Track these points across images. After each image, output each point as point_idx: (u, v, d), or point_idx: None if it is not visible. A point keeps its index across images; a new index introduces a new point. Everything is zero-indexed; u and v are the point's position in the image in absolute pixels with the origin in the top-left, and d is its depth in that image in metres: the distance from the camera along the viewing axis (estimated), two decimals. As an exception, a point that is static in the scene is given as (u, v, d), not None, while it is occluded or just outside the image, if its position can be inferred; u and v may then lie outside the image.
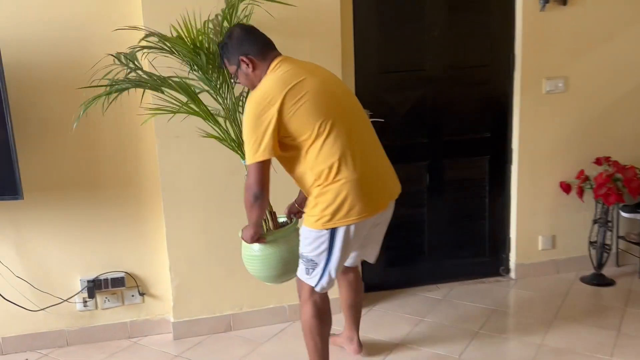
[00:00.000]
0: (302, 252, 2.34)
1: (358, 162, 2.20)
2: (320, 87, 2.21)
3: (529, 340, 2.99)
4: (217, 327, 3.22)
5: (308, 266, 2.33)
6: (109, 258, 3.12)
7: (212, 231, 3.11)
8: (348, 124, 2.24)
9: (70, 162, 2.99)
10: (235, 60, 2.30)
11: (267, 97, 2.14)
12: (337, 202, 2.18)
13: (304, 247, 2.33)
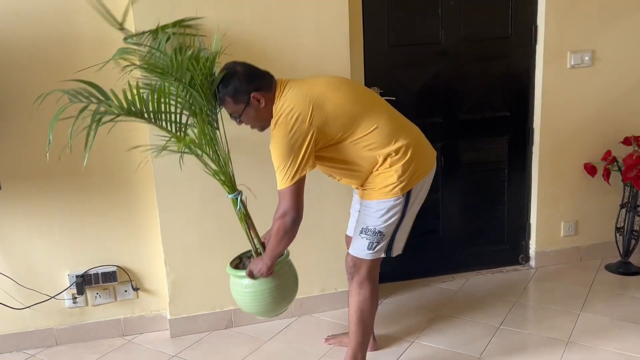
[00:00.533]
0: (369, 226, 2.27)
1: (408, 129, 2.30)
2: (338, 87, 2.25)
3: (555, 336, 2.76)
4: (217, 324, 3.00)
5: (373, 240, 2.28)
6: (99, 251, 2.88)
7: (210, 221, 2.87)
8: (379, 105, 2.30)
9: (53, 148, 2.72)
10: (245, 98, 2.19)
11: (294, 114, 2.11)
12: (411, 168, 2.22)
13: (373, 221, 2.27)
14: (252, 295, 2.44)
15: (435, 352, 2.70)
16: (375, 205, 2.27)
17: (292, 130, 2.09)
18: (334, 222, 3.01)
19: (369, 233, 2.28)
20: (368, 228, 2.28)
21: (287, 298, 2.51)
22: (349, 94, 2.24)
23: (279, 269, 2.46)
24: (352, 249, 2.36)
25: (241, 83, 2.17)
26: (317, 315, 3.12)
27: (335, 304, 3.14)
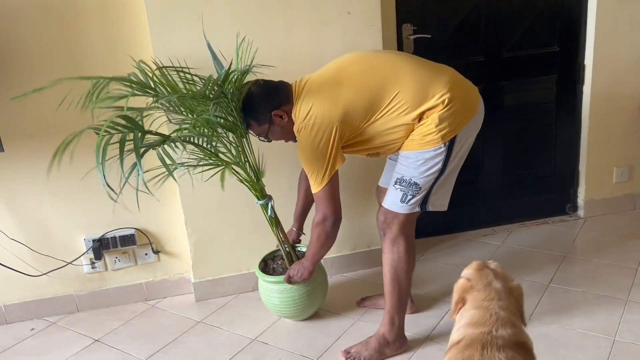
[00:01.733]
0: (405, 176, 2.09)
1: (439, 77, 2.06)
2: (350, 73, 2.09)
3: (611, 295, 2.52)
4: (244, 286, 2.83)
5: (407, 192, 2.09)
6: (116, 213, 2.68)
7: (230, 179, 2.63)
8: (398, 67, 2.08)
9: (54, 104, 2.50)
10: (267, 118, 2.11)
11: (313, 116, 2.02)
12: (450, 115, 2.01)
13: (410, 171, 2.08)
14: (280, 300, 2.47)
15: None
16: (413, 156, 2.07)
17: (314, 133, 2.02)
18: (365, 175, 2.77)
19: (403, 184, 2.10)
20: (403, 179, 2.10)
21: (315, 304, 2.53)
22: (363, 75, 2.07)
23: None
24: (384, 202, 2.19)
25: (259, 104, 2.11)
26: (349, 274, 2.93)
27: (367, 263, 2.94)
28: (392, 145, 2.11)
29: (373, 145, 2.12)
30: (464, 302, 1.59)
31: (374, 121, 2.05)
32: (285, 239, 2.47)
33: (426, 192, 2.11)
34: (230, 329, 2.54)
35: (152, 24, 2.41)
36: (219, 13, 2.46)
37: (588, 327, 2.30)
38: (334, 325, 2.49)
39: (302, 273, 2.30)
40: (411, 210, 2.13)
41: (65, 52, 2.43)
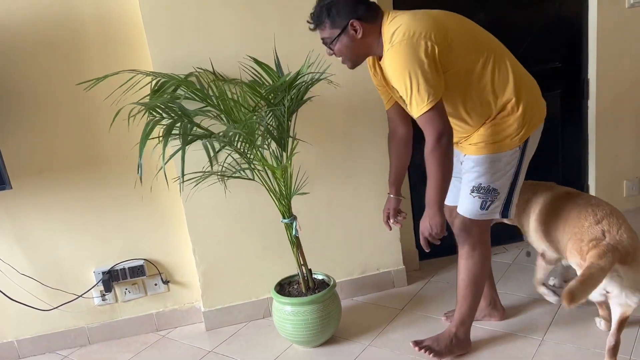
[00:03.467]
0: (482, 183, 2.05)
1: (527, 75, 2.09)
2: (459, 16, 2.03)
3: (627, 312, 2.47)
4: (255, 314, 2.82)
5: (486, 198, 2.06)
6: (124, 245, 2.72)
7: (237, 207, 2.66)
8: (502, 46, 2.06)
9: (62, 139, 2.54)
10: (343, 23, 1.95)
11: (412, 32, 1.85)
12: (528, 114, 2.00)
13: (486, 177, 2.05)
14: (293, 325, 2.46)
15: (493, 334, 2.45)
16: (487, 160, 2.04)
17: (412, 48, 1.82)
18: (377, 198, 2.76)
19: (481, 191, 2.06)
20: (481, 186, 2.05)
21: (328, 330, 2.50)
22: (473, 24, 2.03)
23: (326, 299, 2.46)
24: (461, 208, 2.14)
25: (343, 7, 1.93)
26: (359, 298, 2.91)
27: (378, 286, 2.92)
28: (462, 120, 2.02)
29: (458, 95, 1.97)
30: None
31: (466, 75, 1.94)
32: (304, 263, 2.47)
33: (505, 197, 2.09)
34: (241, 358, 2.52)
35: (150, 38, 2.42)
36: (217, 26, 2.47)
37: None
38: (344, 351, 2.47)
39: (434, 222, 1.97)
40: (491, 216, 2.12)
41: (70, 85, 2.46)
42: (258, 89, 2.22)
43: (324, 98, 2.52)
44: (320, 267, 2.64)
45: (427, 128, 1.86)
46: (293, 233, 2.40)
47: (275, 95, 2.16)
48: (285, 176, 2.27)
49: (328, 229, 2.79)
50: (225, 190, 2.49)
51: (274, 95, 2.16)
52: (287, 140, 2.28)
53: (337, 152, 2.71)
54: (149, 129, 1.93)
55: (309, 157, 2.61)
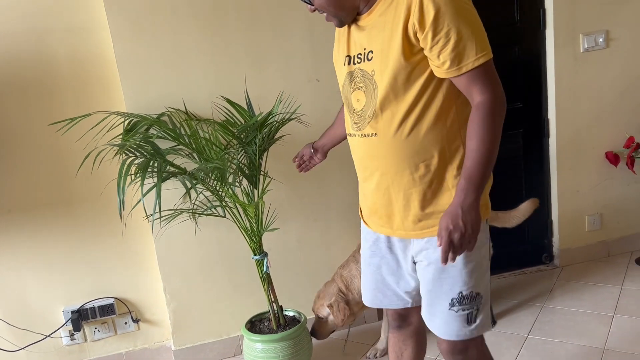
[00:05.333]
0: (462, 290, 1.52)
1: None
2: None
3: (589, 344, 2.54)
4: (226, 352, 2.81)
5: (471, 309, 1.53)
6: (94, 283, 2.71)
7: (208, 241, 2.68)
8: None
9: (33, 178, 2.56)
10: None
11: None
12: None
13: (461, 278, 1.51)
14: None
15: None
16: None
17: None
18: (342, 235, 2.82)
19: (463, 302, 1.52)
20: (462, 295, 1.52)
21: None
22: None
23: (296, 335, 2.47)
24: (441, 332, 1.58)
25: None
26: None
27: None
28: (434, 139, 1.48)
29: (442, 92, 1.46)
30: None
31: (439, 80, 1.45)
32: (275, 300, 2.49)
33: (488, 294, 1.58)
34: (211, 396, 2.52)
35: (124, 79, 2.46)
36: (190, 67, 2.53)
37: (567, 378, 2.33)
38: (315, 388, 2.48)
39: (468, 219, 1.36)
40: (483, 331, 1.59)
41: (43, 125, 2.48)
42: (230, 128, 2.28)
43: (294, 136, 2.59)
44: (291, 304, 2.67)
45: (486, 82, 1.39)
46: (264, 270, 2.43)
47: (247, 134, 2.22)
48: (257, 213, 2.31)
49: (299, 266, 2.82)
50: (196, 228, 2.52)
51: (245, 135, 2.22)
52: (258, 177, 2.34)
53: (308, 191, 2.77)
54: (127, 166, 1.96)
55: (279, 195, 2.66)
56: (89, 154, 2.22)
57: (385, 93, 1.47)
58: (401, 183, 1.53)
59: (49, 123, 2.42)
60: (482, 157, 1.37)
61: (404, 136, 1.48)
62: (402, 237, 1.61)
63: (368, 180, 1.62)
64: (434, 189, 1.52)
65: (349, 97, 1.59)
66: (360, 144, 1.59)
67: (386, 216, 1.61)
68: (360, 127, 1.56)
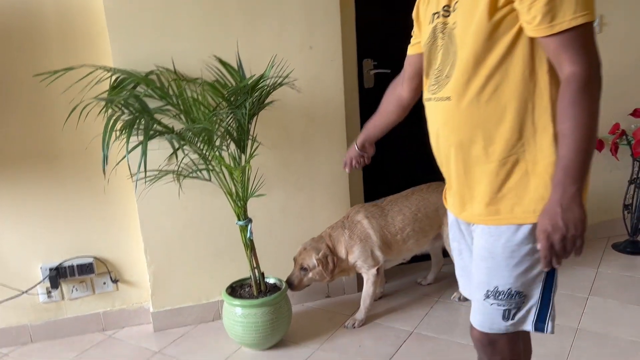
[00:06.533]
0: (499, 286, 1.40)
1: None
2: None
3: (563, 323, 2.58)
4: (204, 316, 2.81)
5: (509, 305, 1.41)
6: (74, 241, 2.67)
7: (192, 205, 2.66)
8: None
9: (14, 130, 2.49)
10: None
11: None
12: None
13: (502, 273, 1.38)
14: (243, 327, 2.47)
15: (437, 343, 2.53)
16: (505, 237, 1.35)
17: None
18: (325, 206, 2.82)
19: (499, 297, 1.41)
20: (497, 289, 1.40)
21: (278, 333, 2.53)
22: None
23: (277, 302, 2.49)
24: (475, 320, 1.50)
25: None
26: (309, 304, 2.94)
27: (328, 291, 2.96)
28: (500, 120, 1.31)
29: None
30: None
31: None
32: (257, 266, 2.49)
33: (537, 299, 1.41)
34: (189, 359, 2.51)
35: (112, 33, 2.40)
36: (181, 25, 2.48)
37: (539, 354, 2.37)
38: (293, 355, 2.49)
39: (571, 217, 1.18)
40: (520, 327, 1.45)
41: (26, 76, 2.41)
42: (220, 90, 2.24)
43: (285, 103, 2.57)
44: (272, 272, 2.67)
45: (581, 49, 1.20)
46: (248, 236, 2.42)
47: (238, 97, 2.18)
48: (243, 178, 2.29)
49: (282, 234, 2.81)
50: (180, 191, 2.49)
51: (235, 97, 2.19)
52: (246, 142, 2.31)
53: (295, 159, 2.75)
54: (113, 121, 1.92)
55: (266, 161, 2.64)
56: (75, 107, 2.16)
57: (465, 52, 1.31)
58: (472, 157, 1.36)
59: (34, 74, 2.35)
60: (579, 142, 1.18)
61: (480, 102, 1.31)
62: (467, 220, 1.46)
63: (440, 152, 1.47)
64: (509, 169, 1.33)
65: (429, 55, 1.46)
66: (435, 109, 1.43)
67: (459, 195, 1.45)
68: (436, 90, 1.41)
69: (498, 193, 1.36)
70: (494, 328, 1.46)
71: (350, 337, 2.60)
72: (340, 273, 2.68)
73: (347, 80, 2.80)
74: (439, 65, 1.40)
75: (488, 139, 1.33)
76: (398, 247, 2.71)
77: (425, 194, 2.77)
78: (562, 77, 1.22)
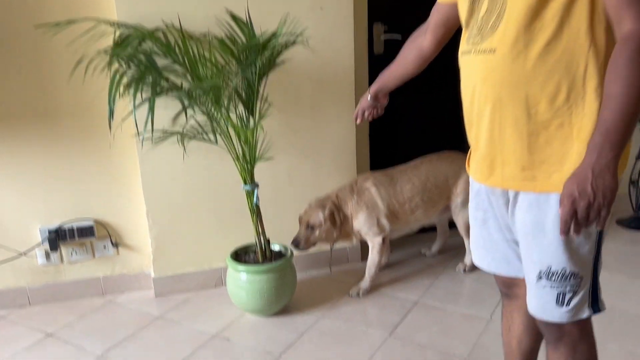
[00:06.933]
0: (552, 265, 1.28)
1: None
2: None
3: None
4: (206, 283, 2.76)
5: (562, 288, 1.29)
6: (74, 203, 2.61)
7: (197, 168, 2.59)
8: None
9: (15, 84, 2.40)
10: None
11: None
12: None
13: (553, 250, 1.27)
14: (247, 293, 2.43)
15: (443, 313, 2.50)
16: (555, 210, 1.22)
17: None
18: (332, 174, 2.76)
19: (552, 278, 1.29)
20: (550, 270, 1.29)
21: (282, 299, 2.49)
22: None
23: (282, 268, 2.45)
24: (530, 305, 1.38)
25: None
26: (313, 272, 2.91)
27: (334, 261, 2.93)
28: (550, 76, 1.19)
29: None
30: None
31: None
32: (262, 232, 2.44)
33: (592, 274, 1.32)
34: (190, 324, 2.47)
35: None
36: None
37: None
38: (297, 322, 2.46)
39: (600, 184, 1.09)
40: (578, 317, 1.33)
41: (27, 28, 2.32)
42: (230, 46, 2.16)
43: (295, 65, 2.49)
44: (277, 239, 2.62)
45: (631, 8, 1.10)
46: (254, 201, 2.37)
47: (248, 54, 2.10)
48: (252, 140, 2.23)
49: (288, 201, 2.76)
50: (185, 154, 2.42)
51: (245, 55, 2.11)
52: (255, 103, 2.24)
53: (303, 124, 2.69)
54: (120, 76, 1.84)
55: (272, 126, 2.57)
56: (80, 60, 2.08)
57: (518, 1, 1.19)
58: (512, 117, 1.25)
59: (35, 26, 2.25)
60: (626, 105, 1.08)
61: (529, 58, 1.19)
62: (496, 185, 1.35)
63: (474, 113, 1.35)
64: (552, 133, 1.23)
65: (472, 3, 1.32)
66: (474, 63, 1.29)
67: (488, 158, 1.34)
68: (479, 42, 1.27)
69: (536, 157, 1.25)
70: (549, 315, 1.33)
71: (355, 305, 2.58)
72: (344, 237, 2.63)
73: (357, 45, 2.72)
74: (483, 15, 1.27)
75: (532, 98, 1.21)
76: (405, 217, 2.67)
77: (436, 164, 2.72)
78: (620, 35, 1.12)
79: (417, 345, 2.25)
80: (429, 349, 2.22)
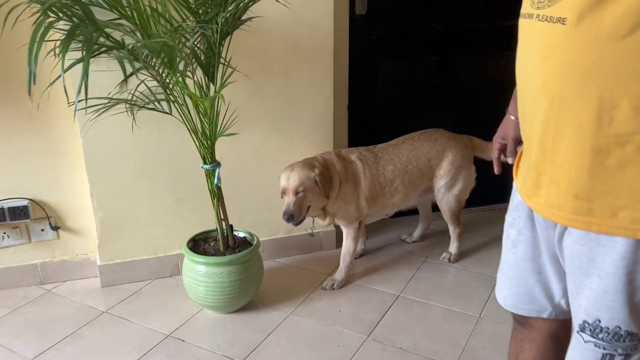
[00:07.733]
0: (601, 318, 0.98)
1: None
2: None
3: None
4: (160, 271, 2.45)
5: (613, 349, 1.00)
6: (5, 180, 2.24)
7: (149, 142, 2.25)
8: None
9: None
10: None
11: None
12: None
13: (611, 303, 0.96)
14: (206, 288, 2.12)
15: (426, 309, 2.24)
16: (621, 250, 0.92)
17: None
18: (306, 150, 2.44)
19: (597, 335, 1.00)
20: (599, 325, 0.99)
21: (246, 295, 2.20)
22: None
23: (247, 260, 2.14)
24: (568, 357, 1.09)
25: None
26: (282, 260, 2.61)
27: (304, 248, 2.63)
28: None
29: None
30: None
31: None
32: (224, 217, 2.13)
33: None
34: (141, 321, 2.16)
35: None
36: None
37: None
38: (263, 320, 2.17)
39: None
40: None
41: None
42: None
43: (264, 24, 2.14)
44: (242, 224, 2.31)
45: None
46: (215, 182, 2.04)
47: (208, 9, 1.75)
48: (212, 111, 1.89)
49: (254, 181, 2.44)
50: (134, 125, 2.07)
51: (205, 10, 1.76)
52: (217, 67, 1.89)
53: (273, 92, 2.36)
54: (45, 27, 1.47)
55: (237, 94, 2.23)
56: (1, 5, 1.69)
57: None
58: (574, 121, 0.90)
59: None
60: None
61: (612, 36, 0.82)
62: (542, 213, 1.04)
63: (527, 103, 1.01)
64: (629, 154, 0.87)
65: None
66: (536, 32, 0.94)
67: (535, 169, 1.02)
68: (545, 5, 0.91)
69: (598, 185, 0.91)
70: None
71: (329, 300, 2.30)
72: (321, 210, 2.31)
73: (338, 2, 2.38)
74: None
75: (609, 97, 0.85)
76: (383, 201, 2.38)
77: (417, 143, 2.43)
78: None
79: (399, 349, 1.99)
80: (412, 354, 1.96)
